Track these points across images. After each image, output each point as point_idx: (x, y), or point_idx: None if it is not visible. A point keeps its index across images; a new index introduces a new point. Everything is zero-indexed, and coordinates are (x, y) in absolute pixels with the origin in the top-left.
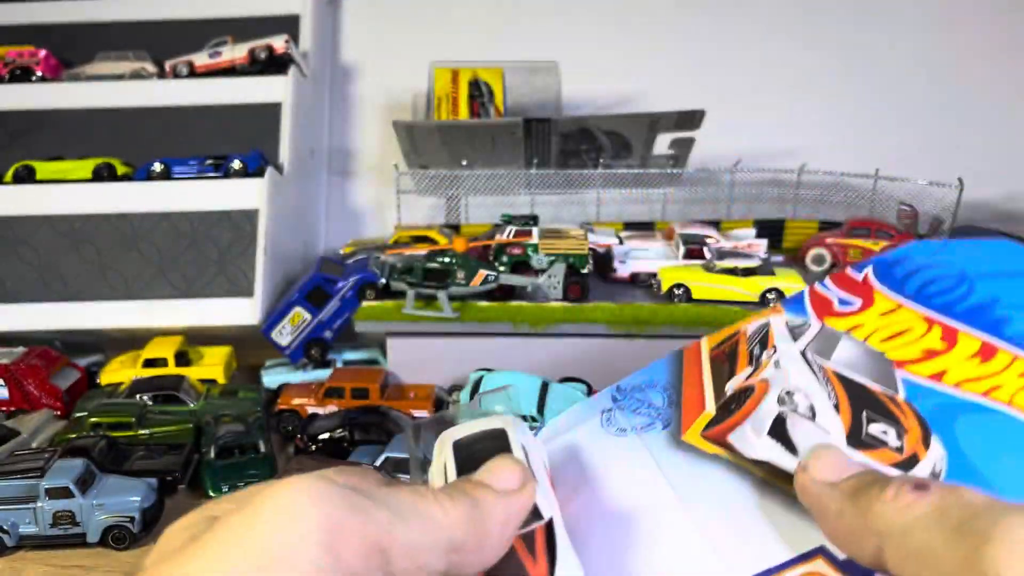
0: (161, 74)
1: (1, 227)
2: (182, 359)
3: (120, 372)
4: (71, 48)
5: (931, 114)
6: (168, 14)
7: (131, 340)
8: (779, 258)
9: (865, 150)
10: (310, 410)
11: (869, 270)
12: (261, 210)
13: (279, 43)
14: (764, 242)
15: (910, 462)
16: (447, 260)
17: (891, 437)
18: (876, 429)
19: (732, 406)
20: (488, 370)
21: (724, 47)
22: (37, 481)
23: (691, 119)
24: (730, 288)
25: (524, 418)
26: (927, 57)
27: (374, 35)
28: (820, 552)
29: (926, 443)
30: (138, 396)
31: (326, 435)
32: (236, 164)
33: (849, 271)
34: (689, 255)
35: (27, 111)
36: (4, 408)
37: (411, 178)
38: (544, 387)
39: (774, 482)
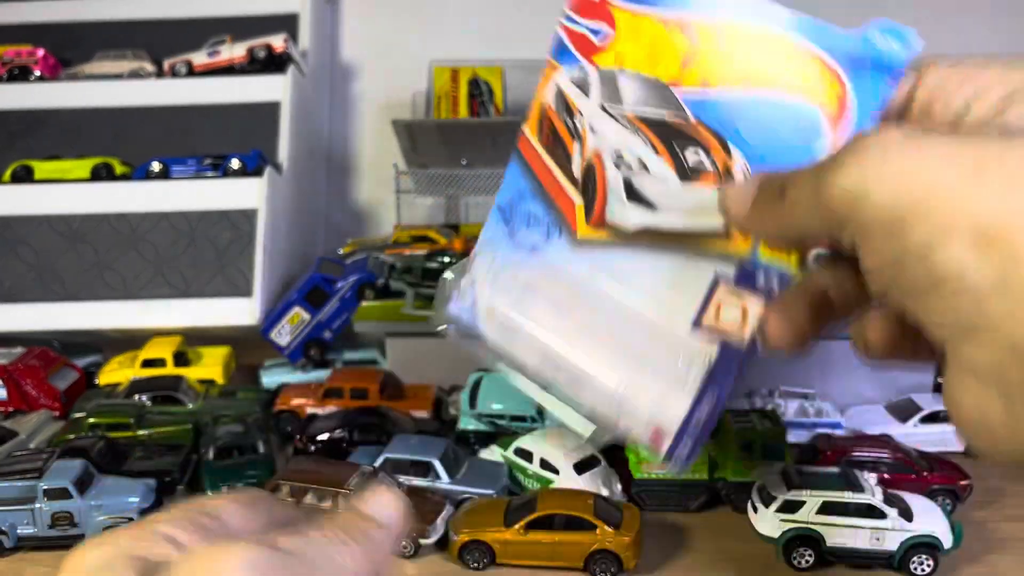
0: (160, 73)
1: None
2: (181, 359)
3: (118, 372)
4: (69, 47)
5: None
6: (167, 13)
7: (129, 340)
8: None
9: None
10: (309, 411)
11: None
12: (260, 210)
13: (278, 42)
14: None
15: (727, 176)
16: (447, 260)
17: (705, 160)
18: (692, 158)
19: (589, 188)
20: (487, 371)
21: None
22: (35, 482)
23: None
24: None
25: (523, 419)
26: (928, 55)
27: (373, 34)
28: (718, 279)
29: (728, 153)
30: (137, 396)
31: (325, 436)
32: (235, 163)
33: None
34: None
35: (25, 110)
36: (2, 409)
37: (410, 177)
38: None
39: (656, 243)
